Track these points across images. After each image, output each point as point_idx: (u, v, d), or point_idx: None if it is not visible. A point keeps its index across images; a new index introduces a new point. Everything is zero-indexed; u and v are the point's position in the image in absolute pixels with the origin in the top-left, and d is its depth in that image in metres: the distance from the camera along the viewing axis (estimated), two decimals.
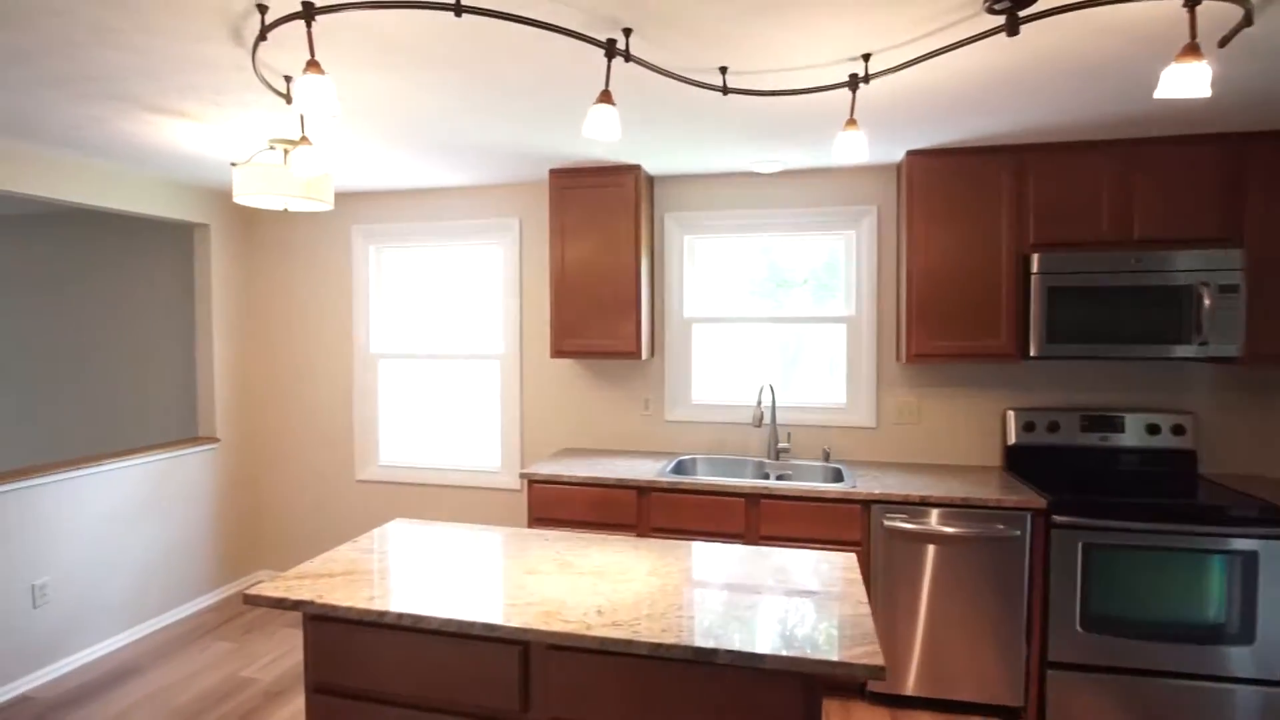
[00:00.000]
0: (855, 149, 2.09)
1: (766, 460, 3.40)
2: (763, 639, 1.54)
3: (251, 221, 4.32)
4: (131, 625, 3.62)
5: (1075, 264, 2.86)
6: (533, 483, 3.20)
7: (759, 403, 3.25)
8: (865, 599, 1.77)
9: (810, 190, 3.48)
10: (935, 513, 2.79)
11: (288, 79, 2.28)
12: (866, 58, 2.04)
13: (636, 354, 3.38)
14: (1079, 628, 2.65)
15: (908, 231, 3.10)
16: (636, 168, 3.34)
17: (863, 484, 2.95)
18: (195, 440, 4.01)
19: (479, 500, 3.98)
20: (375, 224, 4.09)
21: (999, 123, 2.69)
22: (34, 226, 4.84)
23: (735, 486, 2.95)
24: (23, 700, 3.06)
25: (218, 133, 2.84)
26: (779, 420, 3.53)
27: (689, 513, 3.00)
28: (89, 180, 3.35)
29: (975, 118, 2.63)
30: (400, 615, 1.68)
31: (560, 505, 3.16)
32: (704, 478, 3.07)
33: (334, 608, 1.73)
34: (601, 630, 1.58)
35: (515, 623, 1.62)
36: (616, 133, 1.87)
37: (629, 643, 1.54)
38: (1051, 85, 2.29)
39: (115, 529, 3.55)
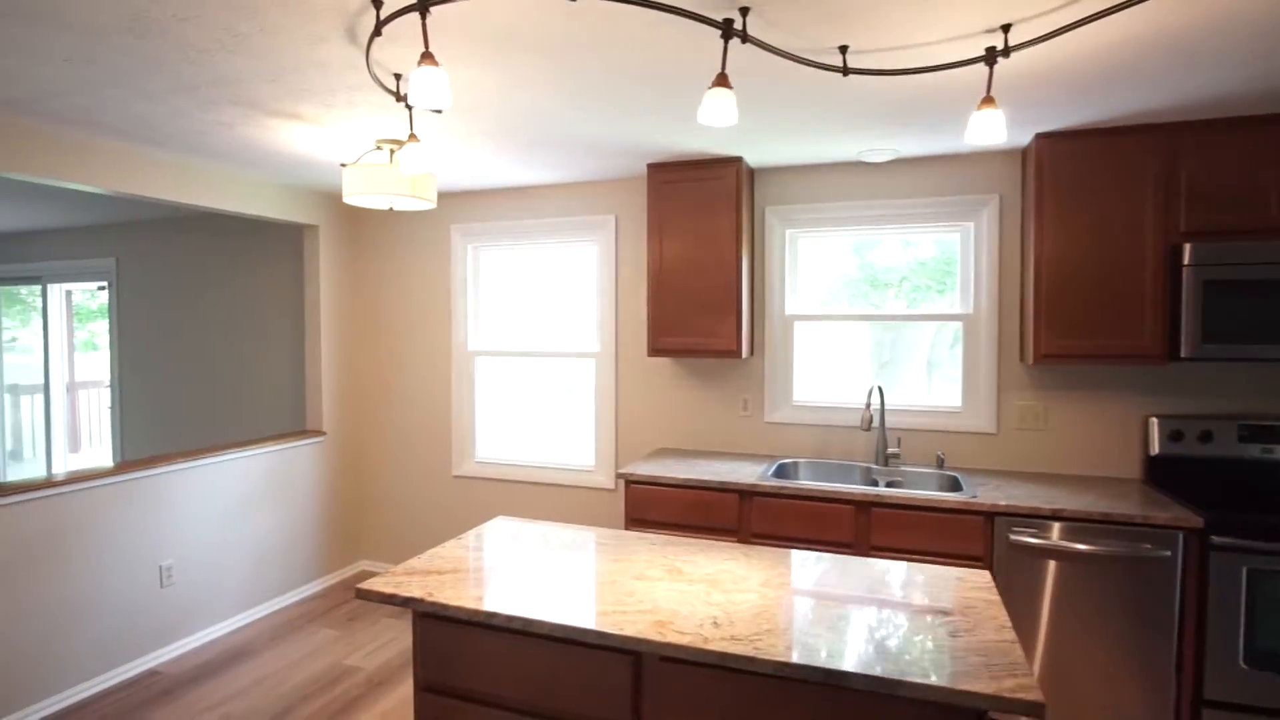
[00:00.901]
0: (992, 129, 1.91)
1: (874, 466, 3.22)
2: (899, 663, 1.40)
3: (357, 223, 4.46)
4: (246, 608, 3.79)
5: (1236, 254, 2.55)
6: (630, 483, 3.14)
7: (868, 405, 3.07)
8: (1008, 622, 1.60)
9: (923, 179, 3.27)
10: (1069, 528, 2.55)
11: (397, 77, 2.29)
12: (1006, 29, 1.86)
13: (736, 353, 3.26)
14: (1242, 663, 2.36)
15: (1036, 221, 2.85)
16: (738, 160, 3.23)
17: (984, 494, 2.74)
18: (304, 433, 4.17)
19: (573, 499, 3.96)
20: (473, 223, 4.14)
21: (1149, 98, 2.43)
22: (167, 230, 5.17)
23: (845, 493, 2.79)
24: (152, 674, 3.24)
25: (328, 135, 2.91)
26: (887, 424, 3.33)
27: (793, 519, 2.87)
28: (212, 184, 3.52)
29: (1122, 93, 2.38)
30: (510, 618, 1.64)
31: (657, 507, 3.08)
32: (808, 482, 2.92)
33: (444, 606, 1.71)
34: (720, 644, 1.48)
35: (628, 631, 1.54)
36: (733, 117, 1.77)
37: (751, 660, 1.44)
38: (1229, 48, 2.03)
39: (233, 516, 3.72)
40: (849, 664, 1.40)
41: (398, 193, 2.84)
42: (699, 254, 3.30)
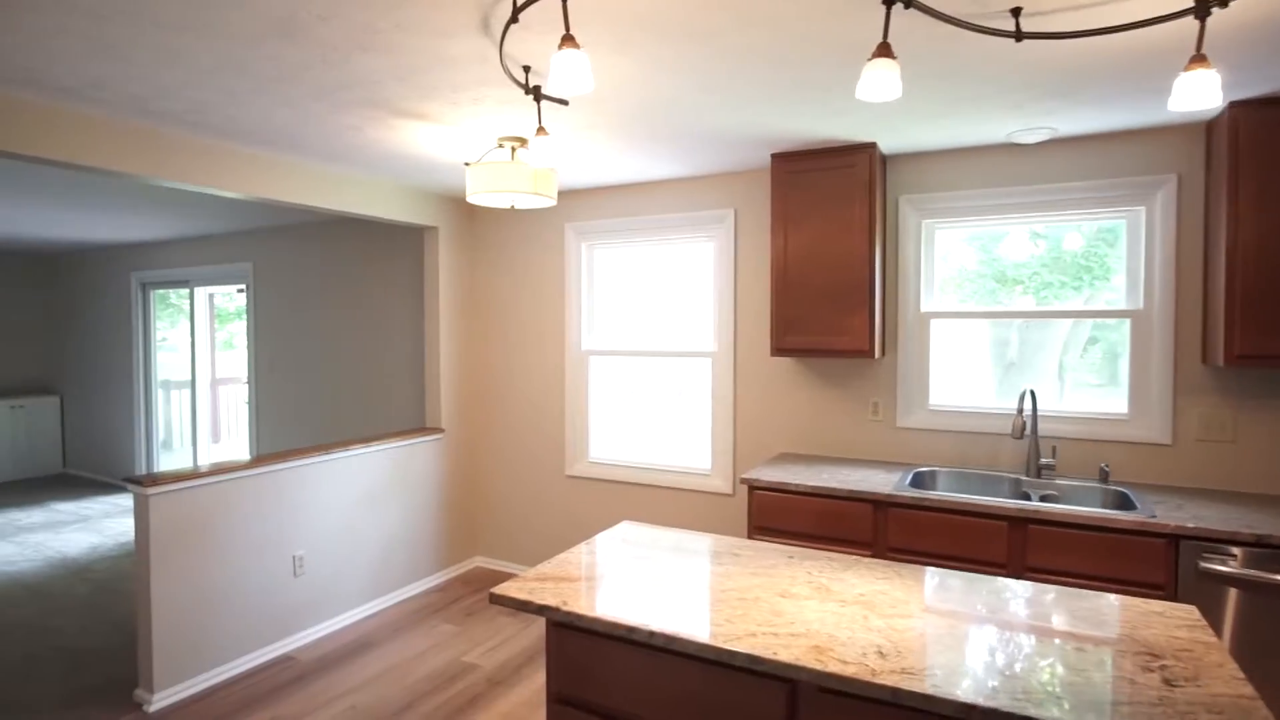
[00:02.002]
0: (1203, 93, 1.64)
1: (1024, 477, 2.92)
2: (1120, 718, 1.19)
3: (475, 224, 4.53)
4: (370, 599, 3.91)
5: None
6: (754, 489, 2.99)
7: (1019, 410, 2.78)
8: (1239, 672, 1.35)
9: (1082, 161, 2.94)
10: (1271, 557, 2.19)
11: (526, 69, 2.24)
12: None
13: (867, 352, 3.05)
14: None
15: (1229, 203, 2.49)
16: (870, 146, 3.01)
17: (1164, 513, 2.41)
18: (424, 430, 4.26)
19: (689, 503, 3.84)
20: (588, 221, 4.10)
21: None
22: (297, 235, 5.45)
23: (997, 507, 2.53)
24: (286, 659, 3.37)
25: (451, 134, 2.92)
26: (1039, 432, 3.02)
27: (936, 533, 2.63)
28: (340, 188, 3.64)
29: None
30: (651, 633, 1.54)
31: (784, 515, 2.92)
32: (949, 494, 2.68)
33: (579, 616, 1.63)
34: (890, 678, 1.32)
35: (783, 657, 1.41)
36: (896, 89, 1.60)
37: (929, 698, 1.27)
38: None
39: (358, 509, 3.84)
40: (1055, 712, 1.20)
41: (520, 190, 2.82)
42: (827, 248, 3.11)
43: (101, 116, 2.67)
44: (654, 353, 3.98)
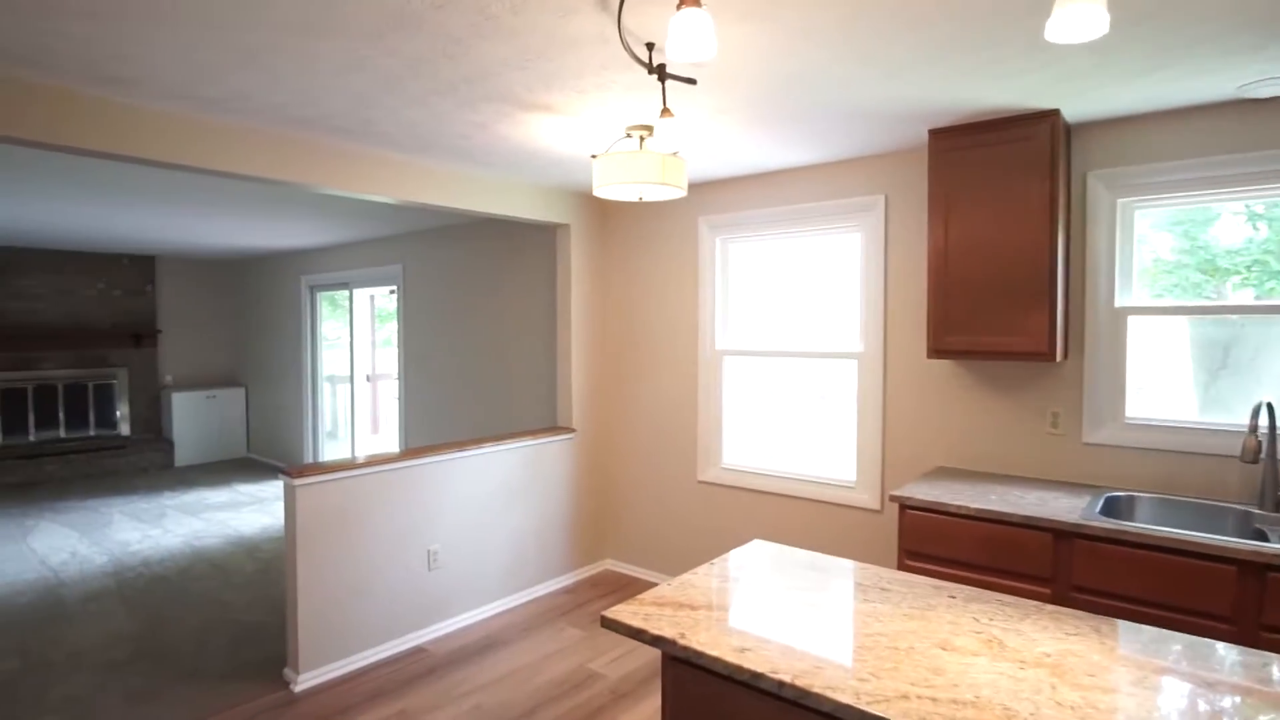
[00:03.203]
0: None
1: (1258, 510, 2.37)
2: None
3: (605, 220, 4.45)
4: (500, 597, 3.92)
5: None
6: (905, 508, 2.65)
7: (1253, 428, 2.24)
8: None
9: None
10: None
11: (650, 47, 2.07)
12: None
13: (1047, 355, 2.61)
14: None
15: None
16: (1052, 114, 2.57)
17: None
18: (556, 429, 4.23)
19: (830, 517, 3.52)
20: (722, 214, 3.88)
21: None
22: (439, 238, 5.66)
23: (1225, 548, 2.05)
24: (419, 651, 3.43)
25: (578, 126, 2.82)
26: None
27: (1136, 575, 2.18)
28: (473, 189, 3.67)
29: None
30: (781, 684, 1.31)
31: (941, 540, 2.56)
32: (1157, 527, 2.21)
33: (698, 654, 1.43)
34: None
35: None
36: (1102, 24, 1.26)
37: None
38: None
39: (492, 506, 3.86)
40: None
41: (648, 180, 2.65)
42: (997, 235, 2.70)
43: (251, 126, 2.81)
44: (793, 353, 3.69)
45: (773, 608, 1.63)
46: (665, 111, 2.09)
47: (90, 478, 7.31)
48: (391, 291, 6.31)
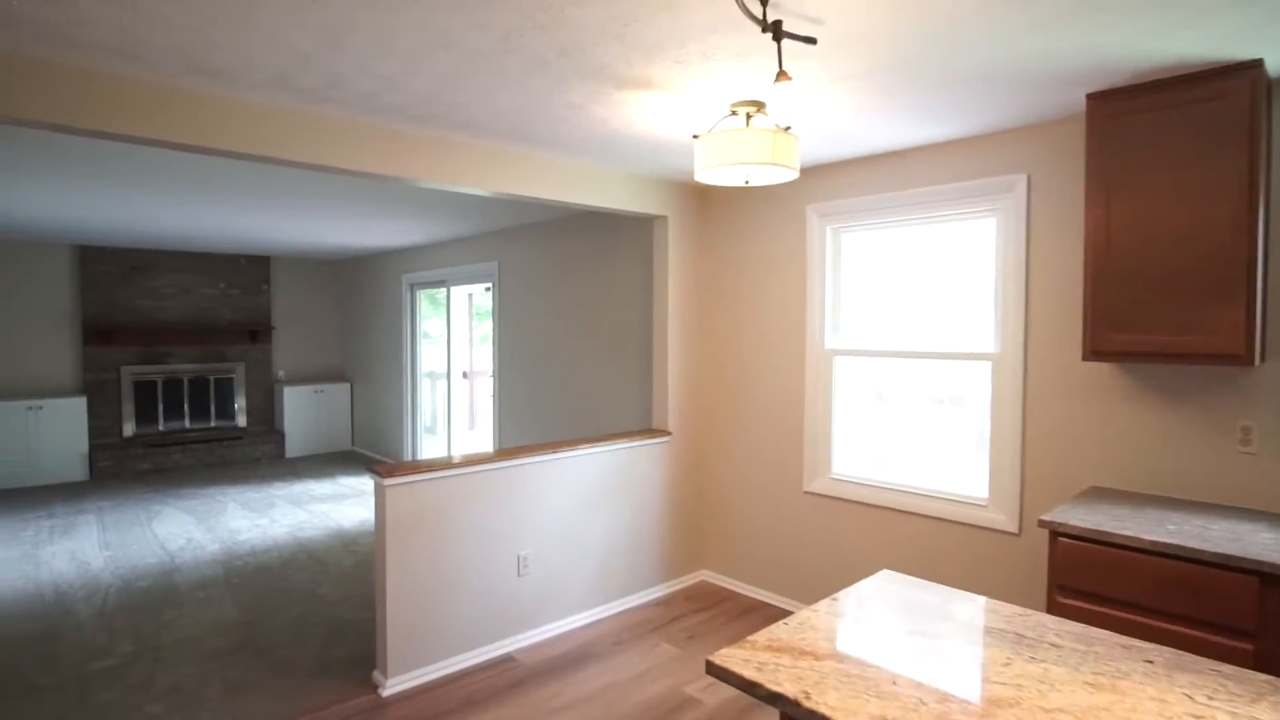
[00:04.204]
0: None
1: None
2: None
3: (706, 211, 4.20)
4: (592, 606, 3.75)
5: None
6: (1058, 534, 2.26)
7: None
8: None
9: None
10: None
11: (764, 2, 1.81)
12: None
13: (1241, 357, 2.16)
14: None
15: None
16: (1252, 67, 2.12)
17: None
18: (650, 432, 4.02)
19: (956, 538, 3.14)
20: (833, 200, 3.55)
21: None
22: (534, 234, 5.57)
23: None
24: (508, 659, 3.30)
25: (680, 104, 2.58)
26: None
27: None
28: (568, 179, 3.51)
29: None
30: None
31: (1104, 576, 2.16)
32: None
33: None
34: None
35: None
36: None
37: None
38: None
39: (583, 511, 3.69)
40: None
41: (756, 160, 2.38)
42: (1176, 216, 2.26)
43: (341, 116, 2.74)
44: (914, 354, 3.32)
45: (917, 661, 1.34)
46: (781, 75, 1.82)
47: (210, 466, 7.73)
48: (487, 289, 6.30)
